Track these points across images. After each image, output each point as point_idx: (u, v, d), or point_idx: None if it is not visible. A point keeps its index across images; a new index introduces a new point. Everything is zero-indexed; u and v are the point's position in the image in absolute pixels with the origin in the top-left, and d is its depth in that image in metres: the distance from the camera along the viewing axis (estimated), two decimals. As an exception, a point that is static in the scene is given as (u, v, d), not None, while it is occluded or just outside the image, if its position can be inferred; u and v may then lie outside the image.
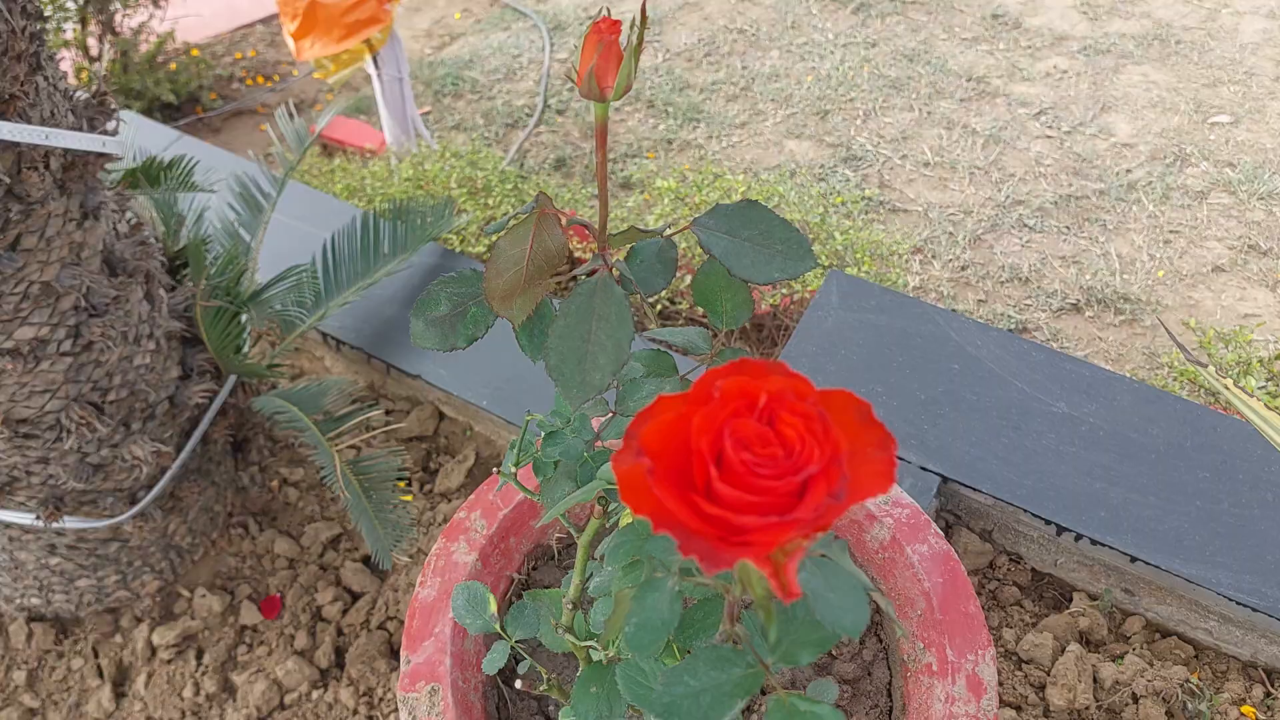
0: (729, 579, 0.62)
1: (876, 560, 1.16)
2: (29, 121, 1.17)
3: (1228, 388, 0.98)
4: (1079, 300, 2.72)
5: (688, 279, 2.21)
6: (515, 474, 0.83)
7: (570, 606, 0.85)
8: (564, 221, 0.69)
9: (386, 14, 2.52)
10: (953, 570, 1.10)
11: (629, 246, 0.78)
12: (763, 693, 1.11)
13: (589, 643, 0.83)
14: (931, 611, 1.08)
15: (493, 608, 0.94)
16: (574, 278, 0.73)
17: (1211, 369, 1.02)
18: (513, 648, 0.90)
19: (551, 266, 0.70)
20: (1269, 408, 0.97)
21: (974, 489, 1.54)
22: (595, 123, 0.67)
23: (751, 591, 0.55)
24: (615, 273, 0.72)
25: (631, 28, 0.65)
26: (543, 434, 0.79)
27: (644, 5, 0.61)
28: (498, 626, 0.92)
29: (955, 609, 1.08)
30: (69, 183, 1.29)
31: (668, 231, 0.74)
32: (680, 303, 2.23)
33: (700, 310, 1.19)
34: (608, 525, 0.81)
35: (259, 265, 1.94)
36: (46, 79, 1.23)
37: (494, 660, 0.88)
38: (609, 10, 0.68)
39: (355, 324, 2.01)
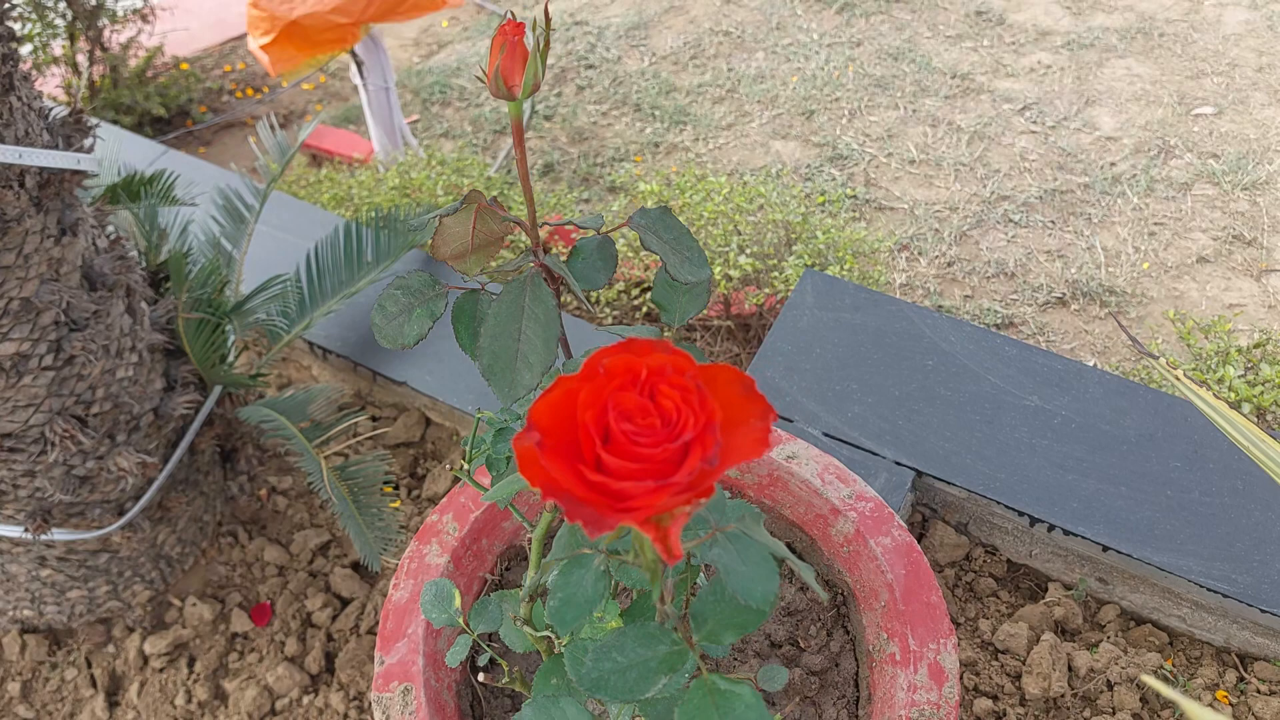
0: (651, 556, 0.65)
1: (841, 553, 1.18)
2: (2, 141, 1.20)
3: (1178, 379, 0.99)
4: (1065, 294, 2.73)
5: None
6: (469, 471, 0.85)
7: (527, 600, 0.87)
8: (502, 218, 0.73)
9: (355, 35, 2.56)
10: (915, 562, 1.12)
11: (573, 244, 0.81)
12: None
13: (545, 633, 0.85)
14: (894, 602, 1.10)
15: (457, 602, 0.96)
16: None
17: (1163, 361, 1.04)
18: (475, 642, 0.92)
19: (493, 241, 0.74)
20: (1219, 397, 0.99)
21: (948, 483, 1.56)
22: (510, 120, 0.70)
23: (643, 556, 0.58)
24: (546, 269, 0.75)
25: (534, 29, 0.67)
26: (493, 431, 0.81)
27: (546, 7, 0.63)
28: (461, 620, 0.94)
29: (917, 599, 1.10)
30: (45, 200, 1.31)
31: (604, 228, 0.77)
32: (642, 306, 2.26)
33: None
34: (559, 519, 0.83)
35: (244, 276, 1.96)
36: (20, 99, 1.26)
37: (456, 653, 0.90)
38: (534, 12, 0.70)
39: (341, 332, 2.03)
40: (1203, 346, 2.05)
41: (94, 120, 1.44)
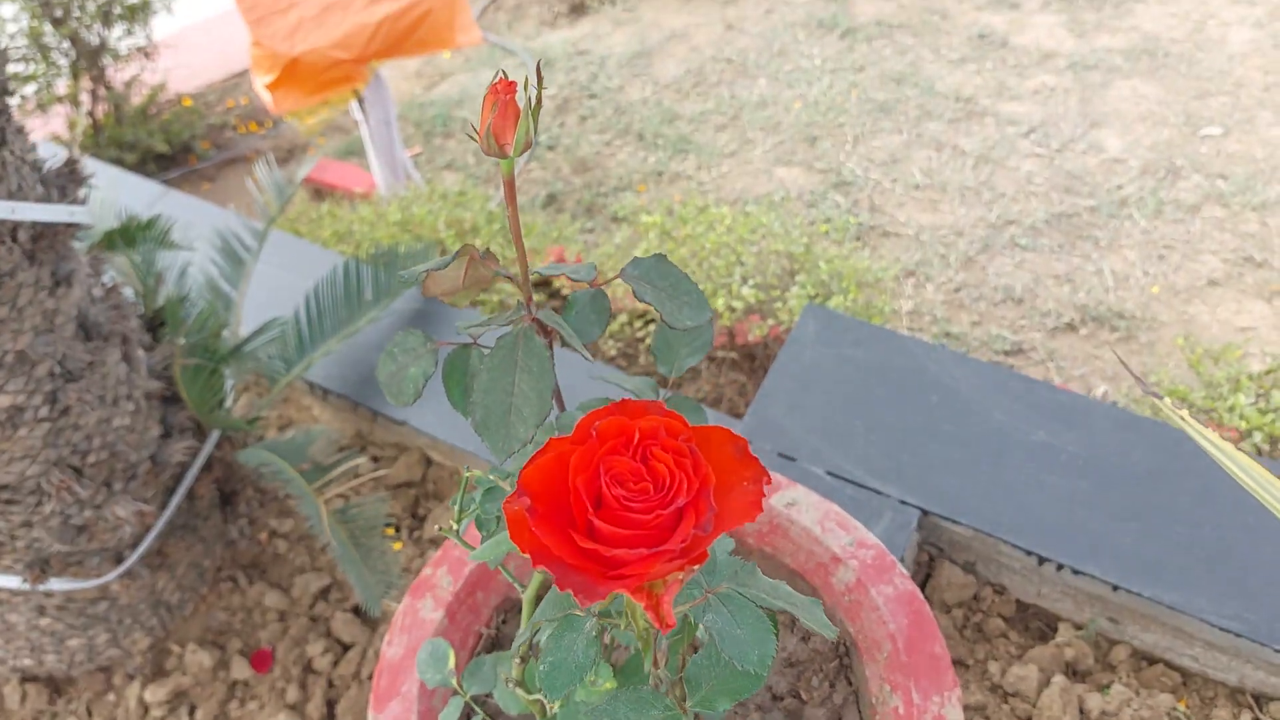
0: (643, 624, 0.63)
1: (843, 603, 1.15)
2: (-7, 197, 1.19)
3: (1184, 419, 0.97)
4: (1074, 319, 2.71)
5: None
6: (458, 530, 0.83)
7: (519, 661, 0.85)
8: (493, 271, 0.73)
9: (362, 74, 2.55)
10: (918, 611, 1.10)
11: (566, 296, 0.82)
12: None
13: (537, 696, 0.84)
14: (897, 654, 1.08)
15: (452, 663, 0.95)
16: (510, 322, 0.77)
17: (1168, 401, 1.02)
18: (468, 703, 0.90)
19: (483, 280, 0.74)
20: (1226, 434, 0.97)
21: (954, 521, 1.54)
22: (503, 177, 0.70)
23: (634, 624, 0.56)
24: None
25: (527, 87, 0.67)
26: (482, 490, 0.80)
27: (538, 66, 0.62)
28: (455, 682, 0.92)
29: (921, 650, 1.07)
30: (39, 252, 1.30)
31: (597, 279, 0.76)
32: (645, 338, 2.24)
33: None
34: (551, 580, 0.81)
35: (243, 318, 1.95)
36: (13, 153, 1.25)
37: (448, 715, 0.89)
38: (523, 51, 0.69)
39: (341, 372, 2.02)
40: (1213, 374, 2.03)
41: (89, 170, 1.44)
